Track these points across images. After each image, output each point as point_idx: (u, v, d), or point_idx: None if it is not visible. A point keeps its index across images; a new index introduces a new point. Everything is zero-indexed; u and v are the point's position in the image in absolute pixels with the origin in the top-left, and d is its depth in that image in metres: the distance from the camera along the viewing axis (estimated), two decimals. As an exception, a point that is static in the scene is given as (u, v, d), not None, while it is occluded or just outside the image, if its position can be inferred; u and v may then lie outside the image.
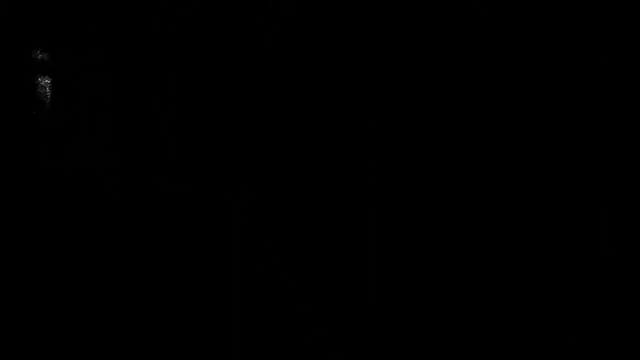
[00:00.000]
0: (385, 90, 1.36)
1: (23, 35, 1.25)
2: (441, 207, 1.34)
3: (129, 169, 1.44)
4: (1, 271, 1.40)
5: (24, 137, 1.39)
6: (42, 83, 1.44)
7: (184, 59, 1.42)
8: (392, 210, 1.36)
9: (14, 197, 1.42)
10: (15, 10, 1.27)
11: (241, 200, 1.41)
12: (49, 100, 1.46)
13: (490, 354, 1.31)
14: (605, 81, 1.28)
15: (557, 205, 1.30)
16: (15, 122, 1.36)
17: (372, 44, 1.36)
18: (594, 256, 1.28)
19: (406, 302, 1.35)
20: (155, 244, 1.43)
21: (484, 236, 1.33)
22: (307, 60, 1.38)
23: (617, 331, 1.26)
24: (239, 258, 1.41)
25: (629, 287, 1.26)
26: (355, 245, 1.37)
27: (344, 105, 1.38)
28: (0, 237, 1.40)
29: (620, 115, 1.27)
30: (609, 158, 1.28)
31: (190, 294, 1.42)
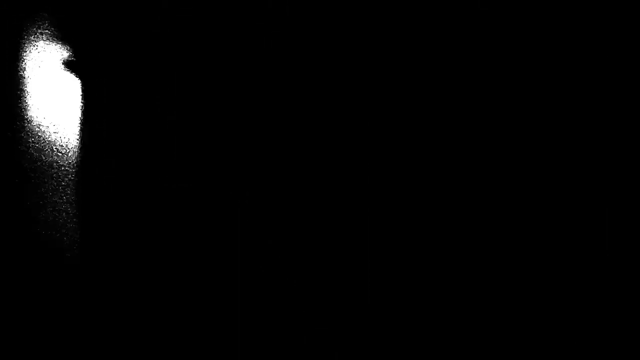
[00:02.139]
0: (385, 90, 1.36)
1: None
2: (440, 208, 1.34)
3: (129, 169, 1.44)
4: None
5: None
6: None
7: (184, 59, 1.42)
8: (392, 209, 1.36)
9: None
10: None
11: (241, 200, 1.41)
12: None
13: (490, 354, 1.31)
14: (605, 81, 1.28)
15: (558, 205, 1.30)
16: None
17: (371, 44, 1.36)
18: (594, 256, 1.28)
19: (406, 302, 1.35)
20: (156, 244, 1.44)
21: (484, 236, 1.33)
22: (306, 60, 1.38)
23: (617, 331, 1.26)
24: (239, 258, 1.41)
25: (629, 287, 1.26)
26: (355, 245, 1.37)
27: (344, 106, 1.38)
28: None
29: (620, 115, 1.27)
30: (608, 158, 1.28)
31: (190, 294, 1.42)
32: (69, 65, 1.46)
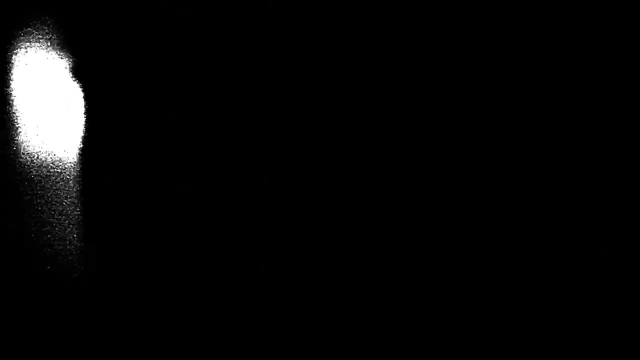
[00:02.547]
0: (386, 90, 1.36)
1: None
2: (441, 208, 1.34)
3: (128, 169, 1.44)
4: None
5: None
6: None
7: (184, 59, 1.42)
8: (393, 209, 1.36)
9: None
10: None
11: (241, 200, 1.41)
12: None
13: (490, 354, 1.31)
14: (605, 81, 1.28)
15: (558, 206, 1.30)
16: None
17: (372, 45, 1.36)
18: (594, 256, 1.28)
19: (406, 302, 1.35)
20: (156, 244, 1.44)
21: (484, 236, 1.33)
22: (307, 60, 1.38)
23: (617, 331, 1.26)
24: (239, 258, 1.41)
25: (629, 287, 1.26)
26: (356, 245, 1.37)
27: (344, 106, 1.38)
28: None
29: (620, 115, 1.27)
30: (608, 158, 1.28)
31: (189, 294, 1.42)
32: (65, 67, 1.46)
